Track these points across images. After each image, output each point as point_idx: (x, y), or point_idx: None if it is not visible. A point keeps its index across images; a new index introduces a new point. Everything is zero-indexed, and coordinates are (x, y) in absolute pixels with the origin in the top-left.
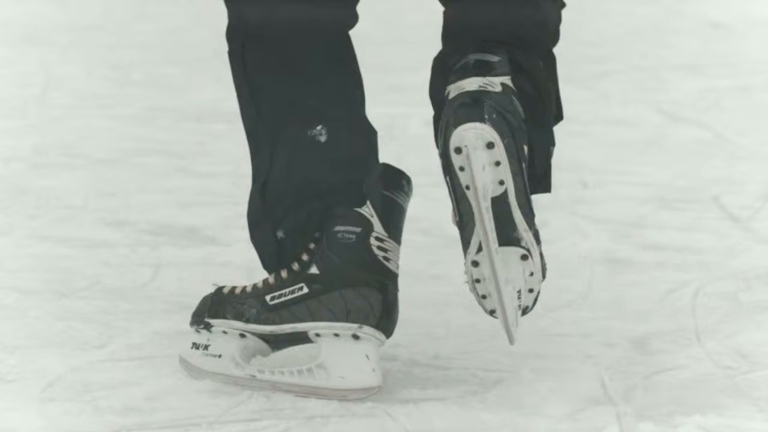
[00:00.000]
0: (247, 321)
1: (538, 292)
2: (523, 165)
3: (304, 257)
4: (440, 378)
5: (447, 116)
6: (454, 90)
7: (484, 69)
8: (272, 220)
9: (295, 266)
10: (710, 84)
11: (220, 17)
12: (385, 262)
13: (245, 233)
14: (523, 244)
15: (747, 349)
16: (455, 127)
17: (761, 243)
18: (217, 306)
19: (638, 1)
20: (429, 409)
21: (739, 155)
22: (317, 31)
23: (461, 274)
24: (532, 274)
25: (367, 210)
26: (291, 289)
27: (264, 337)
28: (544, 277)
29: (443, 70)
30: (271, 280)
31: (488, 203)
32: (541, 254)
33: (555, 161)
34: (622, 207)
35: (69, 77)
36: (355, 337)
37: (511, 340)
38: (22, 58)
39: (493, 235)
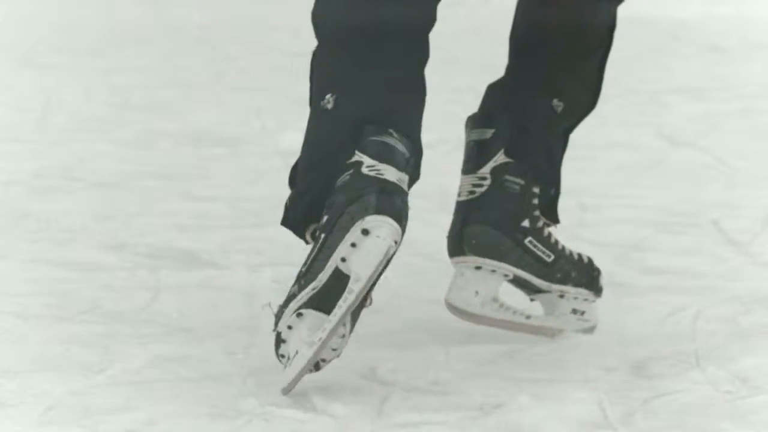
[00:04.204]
0: (294, 296)
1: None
2: (527, 240)
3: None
4: (439, 403)
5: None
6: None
7: (476, 161)
8: (291, 190)
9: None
10: (710, 108)
11: (219, 41)
12: (380, 176)
13: (244, 257)
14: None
15: (747, 373)
16: (451, 256)
17: (761, 267)
18: (276, 318)
19: (638, 25)
20: None
21: (738, 179)
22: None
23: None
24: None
25: (357, 156)
26: (312, 246)
27: (315, 303)
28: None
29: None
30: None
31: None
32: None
33: None
34: (622, 231)
35: (68, 101)
36: (365, 232)
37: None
38: (21, 82)
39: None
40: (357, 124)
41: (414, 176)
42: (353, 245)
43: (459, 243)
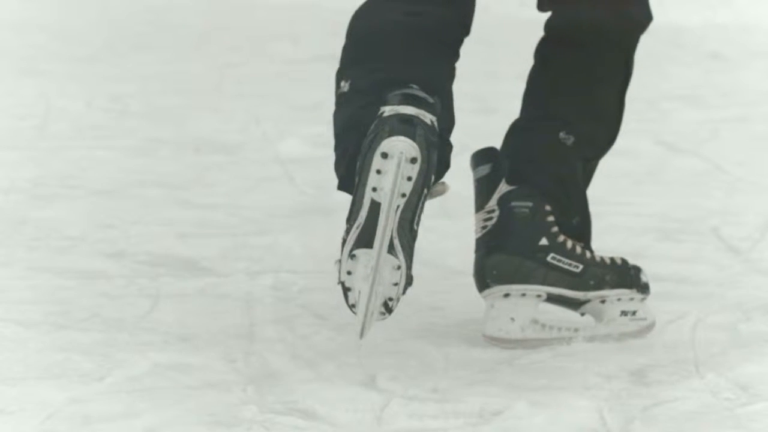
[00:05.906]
0: (344, 241)
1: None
2: (549, 257)
3: None
4: (438, 410)
5: None
6: (474, 230)
7: (483, 197)
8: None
9: None
10: (709, 115)
11: (219, 49)
12: (397, 112)
13: (244, 264)
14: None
15: (746, 381)
16: (480, 292)
17: (760, 274)
18: (338, 271)
19: None
20: None
21: (738, 186)
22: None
23: (460, 304)
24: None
25: (380, 109)
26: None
27: (363, 240)
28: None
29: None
30: None
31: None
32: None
33: None
34: (622, 238)
35: (68, 109)
36: (384, 155)
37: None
38: (21, 90)
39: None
40: (378, 87)
41: (446, 119)
42: (378, 172)
43: (482, 277)
